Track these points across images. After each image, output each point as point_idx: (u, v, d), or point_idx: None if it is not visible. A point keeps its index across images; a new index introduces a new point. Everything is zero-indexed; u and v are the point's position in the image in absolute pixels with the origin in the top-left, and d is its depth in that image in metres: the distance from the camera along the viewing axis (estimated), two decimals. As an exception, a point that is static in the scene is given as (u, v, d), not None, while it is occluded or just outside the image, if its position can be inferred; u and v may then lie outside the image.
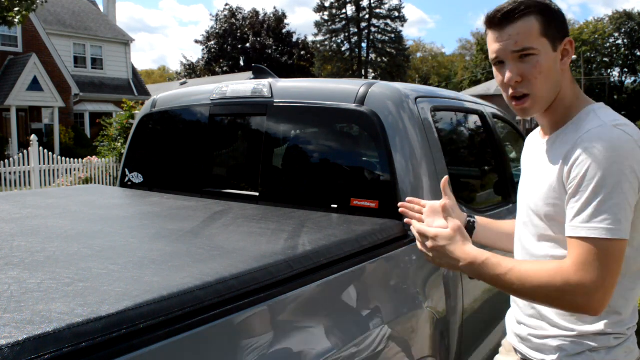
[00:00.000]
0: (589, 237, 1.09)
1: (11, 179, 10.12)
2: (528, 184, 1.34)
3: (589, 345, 1.20)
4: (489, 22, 1.24)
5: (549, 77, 1.21)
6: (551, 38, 1.21)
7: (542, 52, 1.20)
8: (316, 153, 2.11)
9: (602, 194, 1.09)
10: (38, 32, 20.53)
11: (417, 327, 1.60)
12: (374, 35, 50.74)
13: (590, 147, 1.11)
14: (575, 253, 1.11)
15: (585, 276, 1.09)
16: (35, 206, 1.99)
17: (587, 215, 1.10)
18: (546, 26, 1.20)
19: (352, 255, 1.46)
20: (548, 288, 1.13)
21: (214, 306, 1.05)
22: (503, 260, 1.21)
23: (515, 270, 1.17)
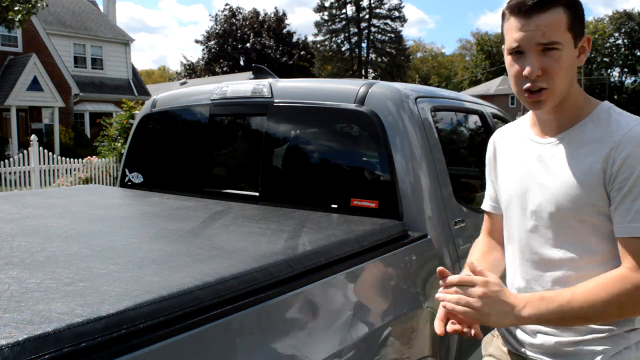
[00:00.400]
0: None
1: (11, 179, 10.12)
2: (532, 187, 1.28)
3: (623, 344, 1.19)
4: (515, 9, 1.17)
5: (568, 73, 1.18)
6: (574, 33, 1.17)
7: (566, 47, 1.16)
8: (316, 153, 2.11)
9: None
10: (38, 32, 20.53)
11: (417, 327, 1.60)
12: (374, 35, 50.75)
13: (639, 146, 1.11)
14: (632, 253, 1.11)
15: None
16: (35, 206, 1.99)
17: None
18: (572, 21, 1.16)
19: (352, 255, 1.46)
20: (620, 297, 1.11)
21: (214, 306, 1.05)
22: (558, 291, 1.18)
23: (578, 293, 1.13)
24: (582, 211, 1.18)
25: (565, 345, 1.23)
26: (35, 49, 19.88)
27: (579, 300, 1.12)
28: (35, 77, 19.16)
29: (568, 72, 1.17)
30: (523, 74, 1.17)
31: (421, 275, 1.72)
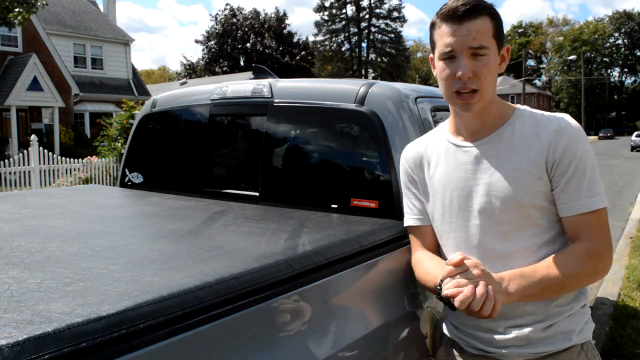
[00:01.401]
0: (598, 208, 1.25)
1: (11, 179, 10.12)
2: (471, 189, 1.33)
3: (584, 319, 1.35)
4: (447, 16, 1.26)
5: (494, 77, 1.30)
6: (498, 42, 1.29)
7: (492, 52, 1.27)
8: (316, 153, 2.11)
9: (596, 170, 1.28)
10: (38, 32, 20.53)
11: (417, 327, 1.60)
12: (374, 35, 50.76)
13: (575, 134, 1.27)
14: (588, 225, 1.26)
15: (606, 241, 1.27)
16: (35, 206, 1.99)
17: (592, 189, 1.26)
18: (496, 29, 1.28)
19: (352, 255, 1.46)
20: (587, 267, 1.26)
21: (214, 306, 1.04)
22: (534, 266, 1.27)
23: (552, 267, 1.25)
24: (533, 198, 1.28)
25: (537, 332, 1.31)
26: (35, 49, 19.89)
27: (555, 272, 1.23)
28: (35, 77, 19.17)
29: (494, 76, 1.29)
30: (456, 76, 1.26)
31: (421, 275, 1.72)
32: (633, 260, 5.77)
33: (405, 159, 1.54)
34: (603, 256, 1.27)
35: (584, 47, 58.11)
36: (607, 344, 3.54)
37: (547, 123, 1.30)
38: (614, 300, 4.44)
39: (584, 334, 1.34)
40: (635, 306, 4.34)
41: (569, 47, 59.67)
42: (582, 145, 1.27)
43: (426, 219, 1.48)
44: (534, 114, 1.34)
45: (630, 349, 3.48)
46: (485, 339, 1.38)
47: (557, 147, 1.26)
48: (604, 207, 1.27)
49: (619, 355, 3.37)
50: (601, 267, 1.28)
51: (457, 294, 1.16)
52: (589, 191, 1.26)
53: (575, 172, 1.26)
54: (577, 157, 1.25)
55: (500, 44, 1.30)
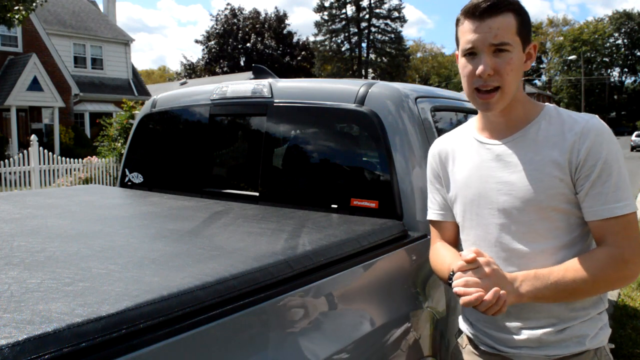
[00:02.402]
0: (624, 214, 1.20)
1: (11, 179, 10.12)
2: (493, 188, 1.31)
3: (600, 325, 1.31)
4: (470, 12, 1.25)
5: (517, 75, 1.26)
6: (523, 38, 1.26)
7: (516, 49, 1.24)
8: (316, 153, 2.11)
9: (622, 174, 1.21)
10: (38, 32, 20.52)
11: (417, 327, 1.60)
12: (374, 35, 50.74)
13: (600, 135, 1.21)
14: (614, 231, 1.21)
15: (634, 247, 1.21)
16: (35, 206, 1.99)
17: (618, 195, 1.21)
18: (521, 26, 1.25)
19: (352, 255, 1.46)
20: (608, 273, 1.21)
21: (214, 306, 1.04)
22: (550, 268, 1.25)
23: (571, 270, 1.22)
24: (553, 200, 1.25)
25: (550, 335, 1.29)
26: (35, 49, 19.88)
27: (572, 276, 1.20)
28: (35, 77, 19.16)
29: (517, 73, 1.26)
30: (476, 73, 1.24)
31: (421, 275, 1.72)
32: (633, 260, 5.76)
33: (431, 154, 1.52)
34: (630, 262, 1.21)
35: (584, 47, 58.10)
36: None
37: (572, 123, 1.25)
38: (614, 300, 4.44)
39: (598, 339, 1.30)
40: (635, 306, 4.34)
41: (569, 47, 59.66)
42: (608, 147, 1.21)
43: (448, 215, 1.48)
44: (561, 113, 1.30)
45: (630, 349, 3.48)
46: (498, 338, 1.37)
47: (582, 149, 1.22)
48: (631, 212, 1.21)
49: (619, 355, 3.37)
50: (628, 273, 1.22)
51: (464, 295, 1.18)
52: (614, 195, 1.21)
53: (600, 175, 1.21)
54: (602, 159, 1.21)
55: (526, 41, 1.27)
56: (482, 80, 1.24)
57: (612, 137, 1.24)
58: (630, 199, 1.22)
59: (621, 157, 1.23)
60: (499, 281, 1.19)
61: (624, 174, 1.22)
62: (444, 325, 1.76)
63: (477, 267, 1.21)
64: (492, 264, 1.22)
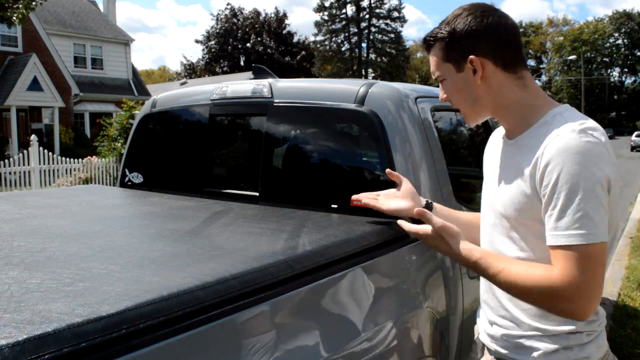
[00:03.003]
0: (569, 244, 1.10)
1: (11, 179, 10.12)
2: (494, 186, 1.35)
3: (563, 344, 1.22)
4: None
5: (462, 95, 1.32)
6: (454, 61, 1.30)
7: (448, 76, 1.32)
8: (316, 153, 2.11)
9: (577, 199, 1.09)
10: (38, 32, 20.53)
11: (417, 327, 1.60)
12: (374, 35, 50.75)
13: (560, 152, 1.11)
14: (558, 260, 1.12)
15: (571, 282, 1.10)
16: (35, 206, 1.99)
17: (565, 222, 1.10)
18: (448, 51, 1.30)
19: (352, 255, 1.46)
20: (534, 293, 1.16)
21: (214, 306, 1.04)
22: (494, 262, 1.24)
23: (505, 272, 1.21)
24: (521, 215, 1.22)
25: (511, 337, 1.30)
26: (35, 49, 19.89)
27: (503, 279, 1.21)
28: (35, 77, 19.17)
29: (461, 94, 1.32)
30: None
31: (421, 275, 1.72)
32: (633, 260, 5.77)
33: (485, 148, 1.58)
34: (562, 298, 1.11)
35: (584, 47, 58.10)
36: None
37: (550, 134, 1.16)
38: (614, 300, 4.44)
39: (554, 358, 1.22)
40: (635, 306, 4.34)
41: (569, 47, 59.65)
42: (564, 168, 1.09)
43: None
44: (555, 120, 1.19)
45: (630, 349, 3.48)
46: (482, 327, 1.43)
47: (541, 164, 1.14)
48: (573, 244, 1.09)
49: (619, 355, 3.37)
50: (562, 307, 1.12)
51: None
52: (559, 222, 1.10)
53: (551, 197, 1.12)
54: (553, 180, 1.11)
55: (459, 61, 1.28)
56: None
57: (578, 159, 1.09)
58: (586, 230, 1.08)
59: (585, 182, 1.08)
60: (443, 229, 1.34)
61: (584, 201, 1.08)
62: (444, 325, 1.76)
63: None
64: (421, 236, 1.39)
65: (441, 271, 1.79)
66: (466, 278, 1.89)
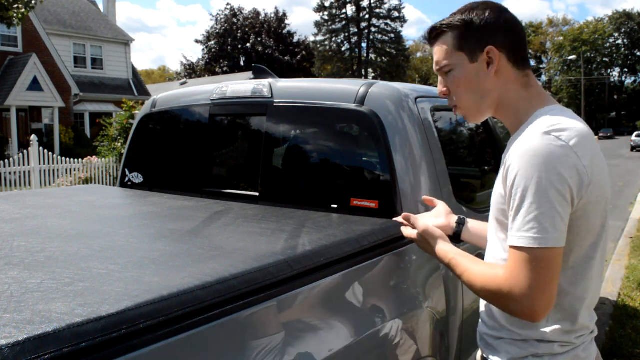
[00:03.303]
0: (517, 245, 1.11)
1: (11, 179, 10.12)
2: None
3: (532, 351, 1.20)
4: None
5: (470, 88, 1.28)
6: (468, 51, 1.27)
7: (458, 65, 1.28)
8: (316, 153, 2.11)
9: (528, 202, 1.09)
10: (38, 32, 20.53)
11: (417, 327, 1.60)
12: (374, 35, 50.76)
13: (520, 155, 1.11)
14: (509, 260, 1.14)
15: (514, 283, 1.11)
16: (35, 206, 1.99)
17: (517, 224, 1.11)
18: (462, 40, 1.27)
19: (352, 255, 1.46)
20: (486, 292, 1.20)
21: (214, 306, 1.04)
22: (462, 262, 1.30)
23: (467, 272, 1.27)
24: (500, 215, 1.23)
25: (489, 337, 1.31)
26: (35, 49, 19.89)
27: (468, 277, 1.26)
28: (35, 77, 19.17)
29: (469, 87, 1.28)
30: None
31: (421, 275, 1.72)
32: (633, 260, 5.77)
33: None
34: (507, 297, 1.13)
35: (584, 47, 58.11)
36: (607, 344, 3.54)
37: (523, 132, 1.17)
38: (614, 300, 4.44)
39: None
40: (635, 306, 4.34)
41: (569, 47, 59.66)
42: (522, 170, 1.10)
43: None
44: (536, 121, 1.18)
45: (630, 349, 3.48)
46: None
47: (507, 165, 1.15)
48: (525, 246, 1.09)
49: (619, 355, 3.38)
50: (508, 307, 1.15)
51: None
52: (515, 223, 1.11)
53: (509, 197, 1.14)
54: (512, 182, 1.12)
55: (473, 51, 1.26)
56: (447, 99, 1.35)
57: (534, 161, 1.08)
58: (533, 234, 1.08)
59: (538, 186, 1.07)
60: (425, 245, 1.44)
61: (535, 205, 1.08)
62: (444, 325, 1.76)
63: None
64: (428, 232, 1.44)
65: (441, 271, 1.79)
66: (466, 278, 1.89)
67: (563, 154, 1.08)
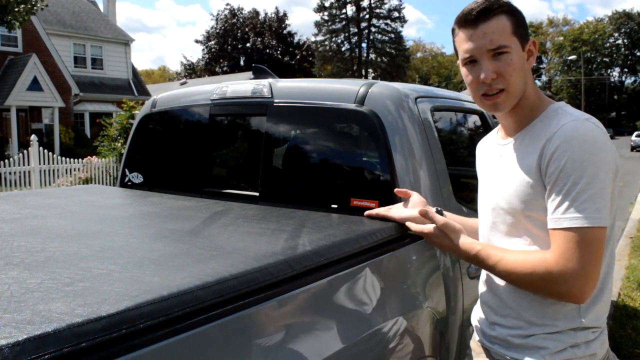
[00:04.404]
0: (570, 227, 1.13)
1: (11, 179, 10.12)
2: (493, 187, 1.36)
3: (569, 342, 1.22)
4: (462, 21, 1.26)
5: (520, 75, 1.26)
6: (520, 37, 1.26)
7: (514, 50, 1.24)
8: (316, 153, 2.11)
9: (581, 184, 1.12)
10: (38, 32, 20.53)
11: (417, 327, 1.60)
12: (374, 35, 50.75)
13: (568, 140, 1.15)
14: (557, 243, 1.15)
15: (567, 265, 1.13)
16: (35, 206, 1.99)
17: (567, 206, 1.14)
18: (516, 25, 1.25)
19: (352, 255, 1.46)
20: (532, 277, 1.19)
21: (214, 306, 1.04)
22: (492, 253, 1.28)
23: (503, 261, 1.25)
24: (527, 206, 1.24)
25: (515, 337, 1.30)
26: (35, 49, 19.89)
27: (502, 268, 1.24)
28: (35, 77, 19.17)
29: (520, 73, 1.25)
30: (480, 79, 1.24)
31: (421, 275, 1.72)
32: (633, 260, 5.77)
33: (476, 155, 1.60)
34: (558, 280, 1.14)
35: (584, 47, 58.12)
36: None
37: (554, 125, 1.20)
38: (614, 300, 4.44)
39: (562, 357, 1.22)
40: (635, 306, 4.34)
41: (569, 47, 59.66)
42: (572, 154, 1.13)
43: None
44: (558, 113, 1.23)
45: (630, 349, 3.48)
46: (481, 330, 1.43)
47: (547, 152, 1.17)
48: (580, 226, 1.12)
49: (619, 355, 3.37)
50: (557, 290, 1.15)
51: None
52: (565, 206, 1.14)
53: (556, 182, 1.15)
54: (561, 167, 1.14)
55: (524, 39, 1.26)
56: (486, 86, 1.25)
57: (585, 146, 1.13)
58: (587, 214, 1.11)
59: (591, 168, 1.12)
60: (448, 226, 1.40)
61: (588, 186, 1.12)
62: (444, 325, 1.76)
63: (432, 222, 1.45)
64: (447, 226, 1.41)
65: (441, 271, 1.79)
66: (466, 278, 1.89)
67: (607, 140, 1.16)
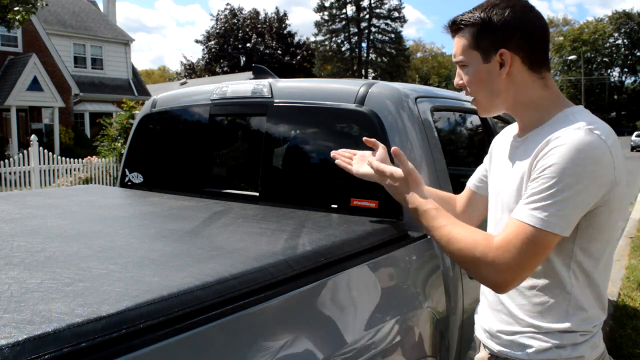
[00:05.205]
0: (525, 222, 1.13)
1: (11, 179, 10.12)
2: (501, 182, 1.36)
3: (555, 342, 1.23)
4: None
5: (483, 86, 1.30)
6: (483, 50, 1.27)
7: (472, 63, 1.29)
8: (316, 153, 2.11)
9: (555, 189, 1.11)
10: (38, 32, 20.53)
11: (417, 327, 1.60)
12: (374, 35, 50.75)
13: (560, 145, 1.13)
14: (507, 231, 1.16)
15: (504, 255, 1.14)
16: (35, 206, 1.99)
17: (533, 202, 1.13)
18: (477, 40, 1.27)
19: (352, 255, 1.46)
20: (467, 254, 1.21)
21: (214, 306, 1.04)
22: (441, 216, 1.31)
23: (447, 228, 1.27)
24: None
25: (504, 333, 1.31)
26: (35, 49, 19.89)
27: (444, 233, 1.27)
28: (35, 77, 19.17)
29: (481, 85, 1.30)
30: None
31: (421, 275, 1.72)
32: (633, 260, 5.77)
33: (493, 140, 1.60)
34: (489, 264, 1.15)
35: (584, 47, 58.14)
36: (607, 344, 3.53)
37: (557, 129, 1.18)
38: (614, 300, 4.44)
39: (547, 356, 1.23)
40: (635, 306, 4.34)
41: (569, 47, 59.68)
42: (560, 160, 1.11)
43: (481, 188, 1.57)
44: (568, 119, 1.20)
45: (630, 349, 3.48)
46: (478, 324, 1.45)
47: (540, 154, 1.16)
48: (532, 225, 1.11)
49: (619, 355, 3.37)
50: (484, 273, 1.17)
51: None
52: (525, 200, 1.15)
53: (535, 179, 1.14)
54: (545, 167, 1.13)
55: (488, 51, 1.25)
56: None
57: (575, 156, 1.10)
58: (547, 217, 1.11)
59: (570, 178, 1.10)
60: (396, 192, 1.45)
61: (560, 193, 1.10)
62: (444, 325, 1.76)
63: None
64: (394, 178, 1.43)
65: (441, 271, 1.79)
66: (466, 278, 1.89)
67: (602, 154, 1.12)
